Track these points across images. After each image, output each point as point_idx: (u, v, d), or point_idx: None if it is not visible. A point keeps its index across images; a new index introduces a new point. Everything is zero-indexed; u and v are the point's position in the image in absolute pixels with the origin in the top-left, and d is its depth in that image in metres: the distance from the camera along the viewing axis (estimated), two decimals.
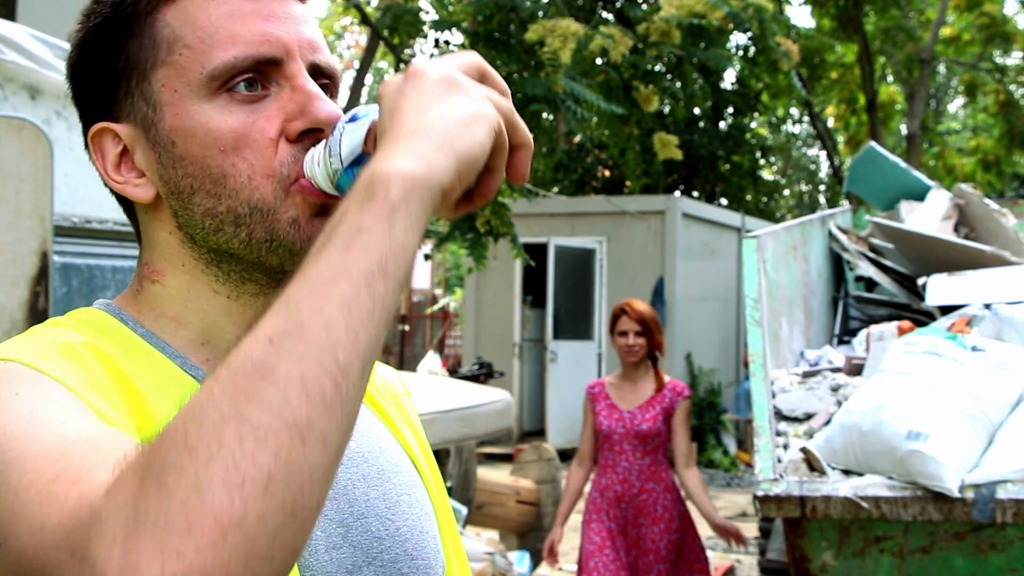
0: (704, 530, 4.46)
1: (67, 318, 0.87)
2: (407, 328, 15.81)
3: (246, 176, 0.83)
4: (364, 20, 9.36)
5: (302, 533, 0.60)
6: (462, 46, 7.42)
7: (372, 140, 0.79)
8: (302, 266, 0.66)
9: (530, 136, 0.79)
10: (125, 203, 0.92)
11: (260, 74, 0.84)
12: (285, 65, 0.85)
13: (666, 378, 4.35)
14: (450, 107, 0.72)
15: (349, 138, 0.79)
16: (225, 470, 0.57)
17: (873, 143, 5.71)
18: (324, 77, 0.88)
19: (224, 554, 0.56)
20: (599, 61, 6.79)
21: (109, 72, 0.87)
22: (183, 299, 0.88)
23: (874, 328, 3.59)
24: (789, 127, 24.63)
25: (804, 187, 26.78)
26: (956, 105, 27.73)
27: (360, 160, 0.79)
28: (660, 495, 4.20)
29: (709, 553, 4.45)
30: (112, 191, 0.91)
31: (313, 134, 0.84)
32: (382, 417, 1.00)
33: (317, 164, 0.82)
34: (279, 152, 0.84)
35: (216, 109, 0.83)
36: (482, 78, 0.77)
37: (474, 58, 0.77)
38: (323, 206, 0.84)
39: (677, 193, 15.40)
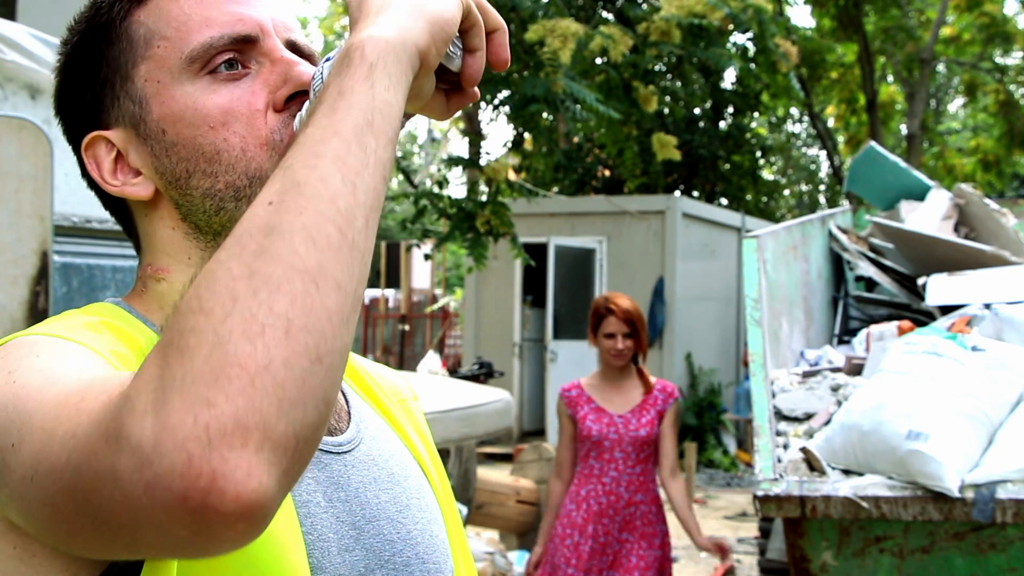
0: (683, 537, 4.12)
1: (82, 309, 0.88)
2: (407, 328, 15.81)
3: (239, 149, 0.84)
4: None
5: (330, 380, 0.60)
6: None
7: None
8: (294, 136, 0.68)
9: (502, 20, 0.82)
10: (119, 209, 0.93)
11: (239, 53, 0.86)
12: (261, 42, 0.87)
13: (652, 378, 3.98)
14: None
15: (329, 71, 0.80)
16: (244, 321, 0.58)
17: (873, 143, 5.71)
18: (302, 56, 0.90)
19: (255, 399, 0.57)
20: (599, 61, 6.79)
21: (93, 83, 0.88)
22: None
23: (874, 328, 3.59)
24: (789, 127, 24.63)
25: (804, 187, 26.77)
26: (956, 105, 27.73)
27: None
28: (648, 507, 3.85)
29: (705, 555, 4.36)
30: (106, 198, 0.92)
31: (299, 98, 0.86)
32: (390, 422, 1.00)
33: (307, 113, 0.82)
34: (268, 121, 0.85)
35: (200, 90, 0.85)
36: None
37: None
38: None
39: (677, 193, 15.40)
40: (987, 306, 3.44)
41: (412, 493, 0.94)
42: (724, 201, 16.52)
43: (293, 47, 0.89)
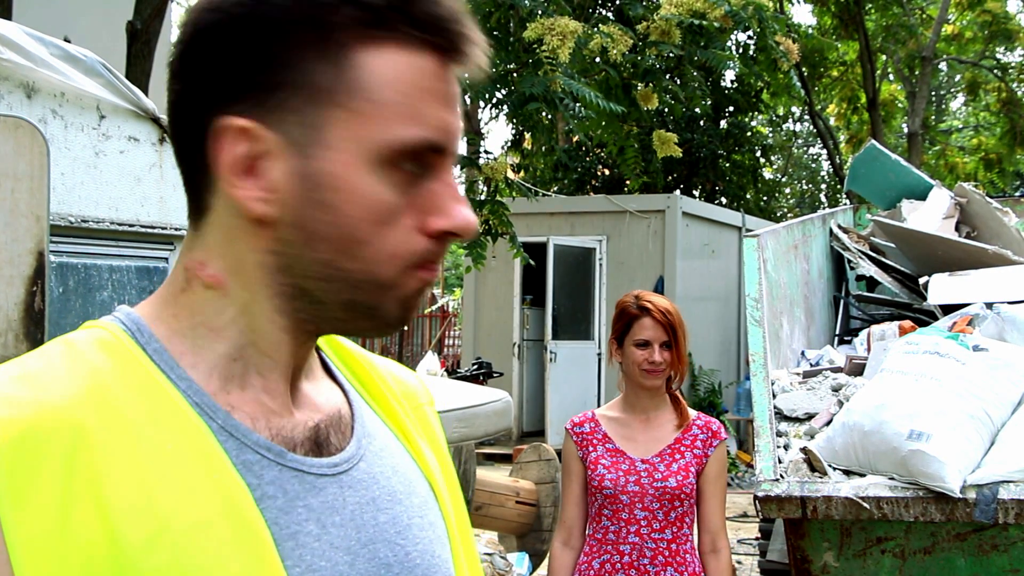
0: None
1: (69, 351, 0.80)
2: (406, 328, 15.79)
3: (386, 253, 0.81)
4: None
5: None
6: None
7: None
8: None
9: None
10: (197, 191, 0.84)
11: (421, 156, 0.82)
12: (444, 156, 0.83)
13: (691, 412, 2.98)
14: None
15: None
16: None
17: (874, 141, 5.69)
18: None
19: None
20: (598, 60, 6.77)
21: (271, 71, 0.79)
22: (234, 313, 0.84)
23: (875, 327, 3.58)
24: (790, 125, 24.63)
25: (805, 186, 26.77)
26: (958, 103, 27.73)
27: None
28: None
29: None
30: (191, 188, 0.84)
31: (451, 236, 0.83)
32: (399, 431, 0.97)
33: None
34: (419, 241, 0.82)
35: (381, 182, 0.80)
36: None
37: None
38: (429, 284, 0.85)
39: (677, 192, 15.37)
40: (989, 306, 3.43)
41: (414, 512, 0.91)
42: (724, 200, 16.52)
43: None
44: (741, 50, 12.42)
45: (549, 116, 7.34)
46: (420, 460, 0.96)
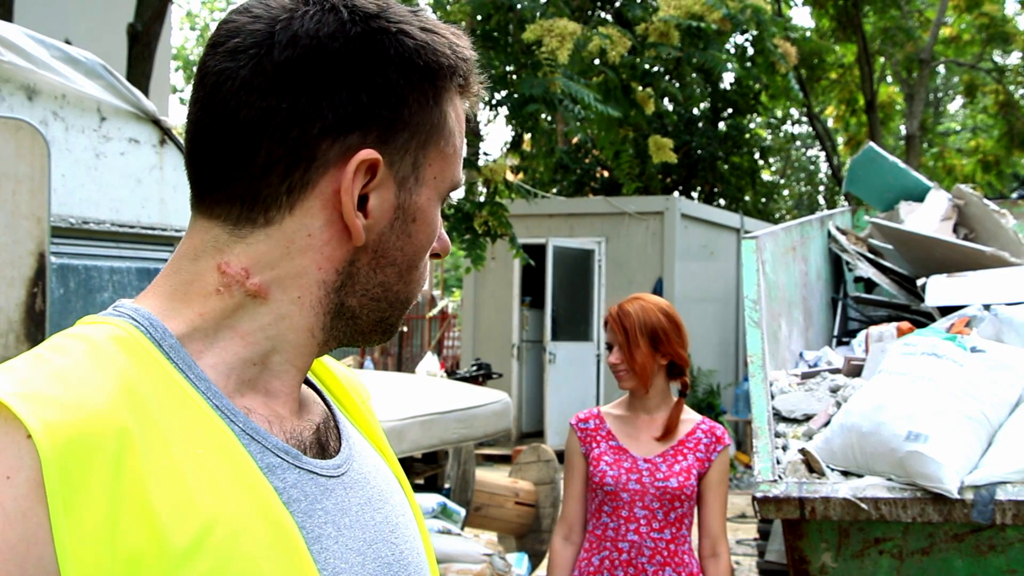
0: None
1: (92, 350, 0.77)
2: (405, 329, 15.80)
3: (422, 276, 0.90)
4: None
5: None
6: None
7: None
8: None
9: None
10: (262, 201, 0.83)
11: None
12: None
13: (696, 416, 3.04)
14: None
15: None
16: None
17: (872, 143, 5.70)
18: None
19: None
20: (597, 61, 6.79)
21: (396, 109, 0.83)
22: (268, 323, 0.84)
23: (873, 329, 3.58)
24: (788, 127, 24.64)
25: (803, 188, 26.78)
26: (956, 105, 27.73)
27: None
28: None
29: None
30: (251, 197, 0.82)
31: (435, 258, 0.92)
32: (365, 431, 0.98)
33: None
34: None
35: (438, 213, 0.90)
36: None
37: None
38: None
39: (676, 194, 15.40)
40: (986, 307, 3.44)
41: (399, 511, 0.93)
42: (723, 202, 16.53)
43: None
44: (739, 53, 12.43)
45: (548, 118, 7.35)
46: (388, 458, 0.98)
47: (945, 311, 3.70)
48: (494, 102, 6.44)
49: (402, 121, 0.83)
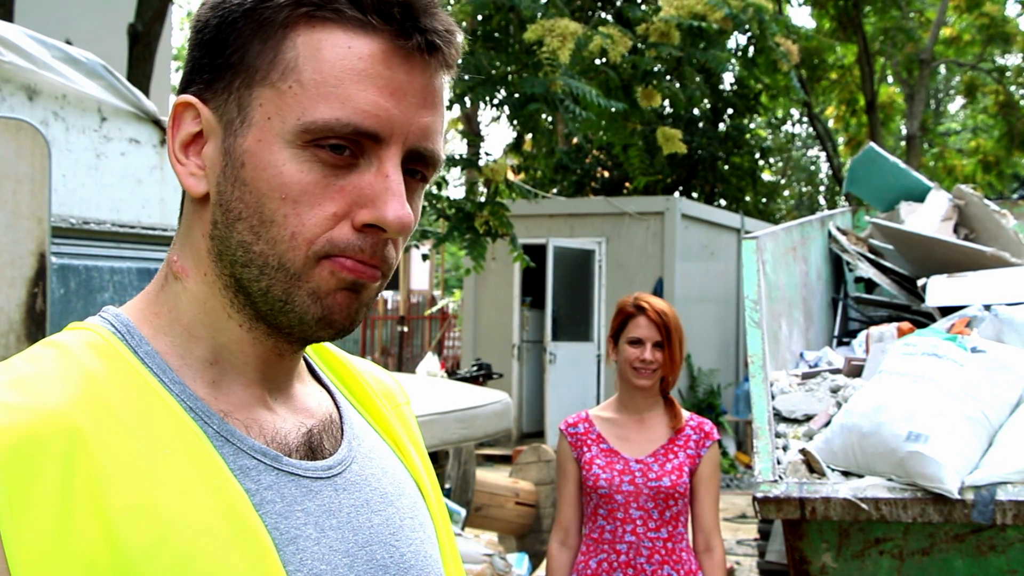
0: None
1: (61, 354, 0.79)
2: (406, 329, 15.80)
3: (289, 232, 0.80)
4: None
5: None
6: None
7: None
8: None
9: None
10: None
11: (354, 142, 0.80)
12: (384, 145, 0.80)
13: (684, 412, 3.08)
14: None
15: None
16: None
17: (873, 144, 5.70)
18: (420, 164, 0.84)
19: None
20: (598, 62, 6.78)
21: (221, 55, 0.82)
22: (198, 309, 0.84)
23: (874, 329, 3.58)
24: (789, 128, 24.64)
25: (804, 188, 26.78)
26: (956, 106, 27.73)
27: None
28: None
29: None
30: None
31: (376, 231, 0.80)
32: (384, 433, 0.97)
33: None
34: (336, 229, 0.80)
35: (297, 160, 0.79)
36: None
37: None
38: (354, 283, 0.81)
39: (676, 194, 15.40)
40: (987, 307, 3.44)
41: (406, 512, 0.92)
42: (723, 202, 16.53)
43: (414, 154, 0.83)
44: (740, 52, 12.43)
45: (549, 118, 7.35)
46: (407, 460, 0.97)
47: (945, 311, 3.70)
48: (495, 102, 6.44)
49: (226, 65, 0.82)
